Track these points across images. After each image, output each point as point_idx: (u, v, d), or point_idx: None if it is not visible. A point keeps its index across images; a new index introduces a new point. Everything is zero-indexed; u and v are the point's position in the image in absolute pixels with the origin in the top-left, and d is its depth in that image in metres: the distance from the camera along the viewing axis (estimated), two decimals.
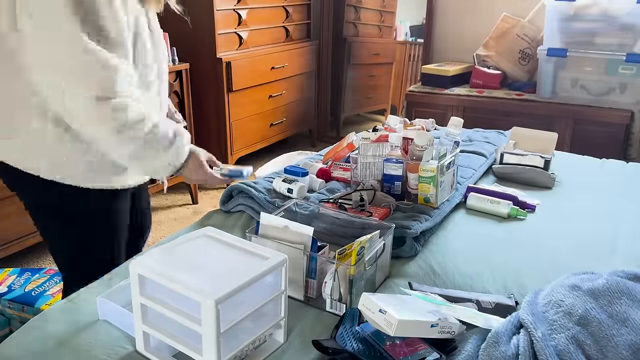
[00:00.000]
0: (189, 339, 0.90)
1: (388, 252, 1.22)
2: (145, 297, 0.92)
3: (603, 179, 1.88)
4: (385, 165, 1.52)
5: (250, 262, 0.95)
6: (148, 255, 0.95)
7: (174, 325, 0.91)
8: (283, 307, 0.99)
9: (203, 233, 1.04)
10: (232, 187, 1.54)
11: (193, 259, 0.96)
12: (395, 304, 0.94)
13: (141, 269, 0.91)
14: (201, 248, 1.00)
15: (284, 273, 0.97)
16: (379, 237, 1.16)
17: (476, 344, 0.94)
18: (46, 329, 1.03)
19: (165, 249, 0.98)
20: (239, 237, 1.03)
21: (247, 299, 0.91)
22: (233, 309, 0.88)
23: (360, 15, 4.20)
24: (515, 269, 1.26)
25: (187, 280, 0.87)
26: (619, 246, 1.38)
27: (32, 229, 2.36)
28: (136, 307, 0.94)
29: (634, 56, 2.76)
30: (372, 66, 4.31)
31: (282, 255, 0.96)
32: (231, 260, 0.96)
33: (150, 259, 0.94)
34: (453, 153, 1.55)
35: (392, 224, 1.23)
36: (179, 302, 0.89)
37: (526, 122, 2.78)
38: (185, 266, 0.93)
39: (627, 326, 0.88)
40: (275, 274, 0.96)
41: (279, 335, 1.01)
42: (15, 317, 1.91)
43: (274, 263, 0.94)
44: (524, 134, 2.01)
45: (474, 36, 3.48)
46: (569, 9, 2.87)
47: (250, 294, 0.91)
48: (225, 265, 0.94)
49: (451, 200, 1.56)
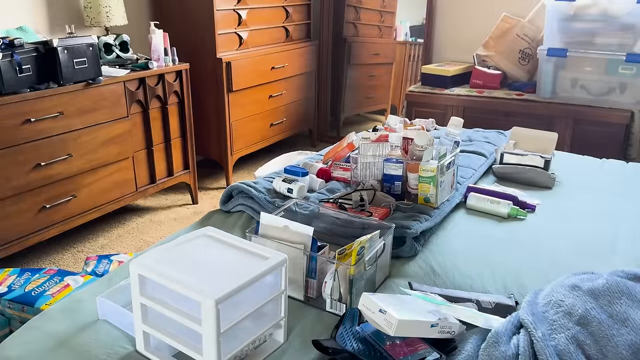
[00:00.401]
0: (189, 339, 0.90)
1: (388, 252, 1.22)
2: (145, 297, 0.92)
3: (603, 179, 1.88)
4: (385, 165, 1.52)
5: (250, 262, 0.95)
6: (148, 255, 0.95)
7: (174, 325, 0.91)
8: (283, 307, 0.99)
9: (203, 233, 1.05)
10: (232, 187, 1.54)
11: (193, 259, 0.96)
12: (395, 304, 0.94)
13: (141, 269, 0.91)
14: (201, 248, 1.00)
15: (284, 273, 0.97)
16: (379, 237, 1.16)
17: (476, 344, 0.94)
18: (46, 329, 1.03)
19: (165, 249, 0.98)
20: (239, 237, 1.04)
21: (247, 299, 0.91)
22: (233, 308, 0.88)
23: (360, 15, 4.20)
24: (515, 269, 1.26)
25: (187, 280, 0.87)
26: (619, 246, 1.38)
27: (32, 228, 2.36)
28: (136, 307, 0.94)
29: (634, 56, 2.76)
30: (372, 66, 4.31)
31: (282, 255, 0.97)
32: (231, 260, 0.96)
33: (150, 259, 0.94)
34: (453, 153, 1.55)
35: (392, 224, 1.23)
36: (179, 302, 0.89)
37: (526, 122, 2.78)
38: (185, 266, 0.93)
39: (627, 326, 0.88)
40: (275, 274, 0.96)
41: (279, 335, 1.01)
42: (15, 317, 1.91)
43: (274, 263, 0.94)
44: (524, 134, 2.01)
45: (474, 36, 3.48)
46: (569, 9, 2.87)
47: (250, 293, 0.91)
48: (225, 265, 0.94)
49: (451, 200, 1.56)
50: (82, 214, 2.58)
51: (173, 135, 2.97)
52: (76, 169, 2.50)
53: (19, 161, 2.26)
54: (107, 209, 2.71)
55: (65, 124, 2.42)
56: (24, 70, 2.20)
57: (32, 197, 2.34)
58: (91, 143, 2.55)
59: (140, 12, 3.32)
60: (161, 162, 2.96)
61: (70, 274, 2.05)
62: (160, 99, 2.87)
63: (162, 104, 2.88)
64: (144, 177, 2.88)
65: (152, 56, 2.86)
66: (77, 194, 2.53)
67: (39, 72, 2.28)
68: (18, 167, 2.26)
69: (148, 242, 2.74)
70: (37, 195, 2.36)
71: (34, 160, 2.31)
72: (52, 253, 2.64)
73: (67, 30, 2.57)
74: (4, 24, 2.64)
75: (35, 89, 2.29)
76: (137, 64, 2.85)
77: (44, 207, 2.39)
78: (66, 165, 2.45)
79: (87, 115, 2.51)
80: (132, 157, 2.79)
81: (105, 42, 2.89)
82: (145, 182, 2.89)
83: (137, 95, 2.75)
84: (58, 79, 2.33)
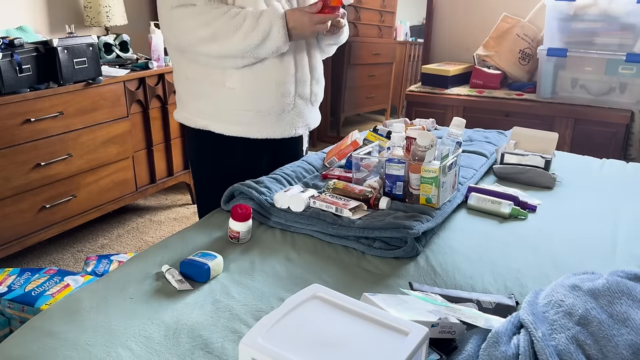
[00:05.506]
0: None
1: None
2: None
3: (603, 179, 1.88)
4: (387, 166, 1.52)
5: (386, 339, 0.77)
6: (257, 331, 0.78)
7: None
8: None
9: (312, 294, 0.87)
10: (234, 188, 1.54)
11: (313, 336, 0.78)
12: (396, 304, 0.94)
13: (255, 353, 0.75)
14: (317, 316, 0.82)
15: (424, 351, 0.80)
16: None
17: (476, 344, 0.94)
18: (46, 329, 1.03)
19: (274, 319, 0.80)
20: (354, 299, 0.87)
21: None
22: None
23: (360, 15, 4.20)
24: (516, 269, 1.26)
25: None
26: (619, 246, 1.38)
27: (32, 228, 2.36)
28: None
29: (634, 56, 2.76)
30: (372, 66, 4.31)
31: (424, 329, 0.79)
32: (360, 336, 0.78)
33: (261, 337, 0.77)
34: (455, 154, 1.55)
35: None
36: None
37: (526, 122, 2.78)
38: (304, 345, 0.75)
39: (627, 326, 0.88)
40: (417, 355, 0.78)
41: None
42: (15, 317, 1.91)
43: (418, 341, 0.76)
44: (524, 134, 2.01)
45: (474, 36, 3.48)
46: (569, 9, 2.87)
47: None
48: (356, 344, 0.76)
49: (452, 200, 1.56)
50: (82, 214, 2.58)
51: (173, 135, 2.97)
52: (76, 168, 2.50)
53: (19, 161, 2.26)
54: (107, 208, 2.71)
55: (65, 123, 2.42)
56: (24, 70, 2.20)
57: (32, 197, 2.34)
58: (91, 143, 2.55)
59: (140, 12, 3.32)
60: (161, 162, 2.96)
61: (70, 274, 2.05)
62: (160, 99, 2.87)
63: (162, 104, 2.89)
64: (144, 177, 2.88)
65: (152, 56, 2.86)
66: (77, 193, 2.53)
67: (39, 72, 2.28)
68: (18, 167, 2.26)
69: (148, 242, 2.74)
70: (37, 195, 2.36)
71: (34, 160, 2.31)
72: (52, 253, 2.64)
73: (67, 30, 2.57)
74: (4, 24, 2.64)
75: (35, 88, 2.29)
76: (137, 63, 2.85)
77: (43, 207, 2.39)
78: (66, 165, 2.45)
79: (87, 115, 2.51)
80: (132, 157, 2.79)
81: (105, 42, 2.88)
82: (145, 182, 2.89)
83: (137, 95, 2.75)
84: (58, 78, 2.33)
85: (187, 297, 1.13)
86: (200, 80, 1.60)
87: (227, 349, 0.97)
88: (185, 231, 1.44)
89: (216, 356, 0.95)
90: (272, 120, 1.63)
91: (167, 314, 1.07)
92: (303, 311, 0.83)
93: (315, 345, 0.76)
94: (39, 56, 2.26)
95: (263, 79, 1.58)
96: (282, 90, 1.61)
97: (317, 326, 0.80)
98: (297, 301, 0.85)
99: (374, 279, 1.23)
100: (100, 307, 1.09)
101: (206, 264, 1.19)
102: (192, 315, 1.07)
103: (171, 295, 1.14)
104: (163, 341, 0.99)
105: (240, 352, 0.76)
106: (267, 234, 1.43)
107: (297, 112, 1.68)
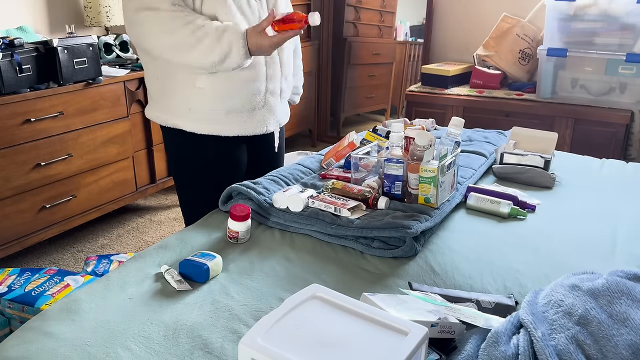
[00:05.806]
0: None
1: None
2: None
3: (603, 179, 1.88)
4: (386, 165, 1.52)
5: (386, 339, 0.77)
6: (256, 331, 0.78)
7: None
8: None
9: (312, 294, 0.87)
10: (232, 189, 1.54)
11: (312, 336, 0.78)
12: (395, 304, 0.94)
13: (255, 353, 0.75)
14: (316, 316, 0.83)
15: (424, 351, 0.80)
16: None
17: (476, 344, 0.94)
18: (46, 329, 1.03)
19: (273, 319, 0.81)
20: (354, 299, 0.87)
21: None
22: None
23: (360, 15, 4.20)
24: (515, 268, 1.26)
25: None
26: (619, 246, 1.38)
27: (32, 228, 2.37)
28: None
29: (634, 56, 2.76)
30: (372, 66, 4.31)
31: (423, 328, 0.79)
32: (360, 336, 0.78)
33: (260, 337, 0.77)
34: (454, 153, 1.55)
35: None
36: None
37: (526, 122, 2.78)
38: (304, 346, 0.76)
39: (627, 326, 0.88)
40: (417, 355, 0.78)
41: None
42: (15, 317, 1.91)
43: (417, 340, 0.76)
44: (524, 134, 2.01)
45: (474, 36, 3.48)
46: (569, 9, 2.87)
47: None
48: (355, 344, 0.76)
49: (451, 200, 1.56)
50: (82, 214, 2.58)
51: None
52: (76, 168, 2.50)
53: (19, 161, 2.26)
54: (107, 208, 2.71)
55: (65, 123, 2.42)
56: (24, 70, 2.20)
57: (32, 197, 2.34)
58: (91, 143, 2.55)
59: None
60: (161, 162, 2.96)
61: (70, 274, 2.05)
62: None
63: None
64: (144, 177, 2.88)
65: None
66: (77, 193, 2.53)
67: (39, 72, 2.28)
68: (18, 167, 2.26)
69: (148, 242, 2.74)
70: (37, 195, 2.36)
71: (34, 160, 2.31)
72: (52, 253, 2.64)
73: (67, 30, 2.57)
74: (4, 24, 2.64)
75: (35, 88, 2.29)
76: (137, 63, 2.85)
77: (43, 207, 2.39)
78: (66, 165, 2.45)
79: (87, 115, 2.51)
80: (132, 157, 2.79)
81: (105, 42, 2.89)
82: (145, 182, 2.89)
83: (137, 95, 2.75)
84: (58, 78, 2.33)
85: (186, 298, 1.13)
86: (170, 80, 1.59)
87: (227, 349, 0.97)
88: (185, 231, 1.44)
89: (216, 356, 0.95)
90: (242, 118, 1.63)
91: (167, 314, 1.07)
92: (302, 311, 0.83)
93: (314, 345, 0.76)
94: (39, 56, 2.26)
95: (233, 78, 1.57)
96: (252, 88, 1.60)
97: (317, 326, 0.80)
98: (297, 301, 0.85)
99: (373, 278, 1.23)
100: (100, 308, 1.09)
101: (205, 264, 1.19)
102: (192, 316, 1.07)
103: (170, 295, 1.14)
104: (162, 341, 0.99)
105: (239, 352, 0.76)
106: (266, 234, 1.43)
107: (268, 108, 1.67)
